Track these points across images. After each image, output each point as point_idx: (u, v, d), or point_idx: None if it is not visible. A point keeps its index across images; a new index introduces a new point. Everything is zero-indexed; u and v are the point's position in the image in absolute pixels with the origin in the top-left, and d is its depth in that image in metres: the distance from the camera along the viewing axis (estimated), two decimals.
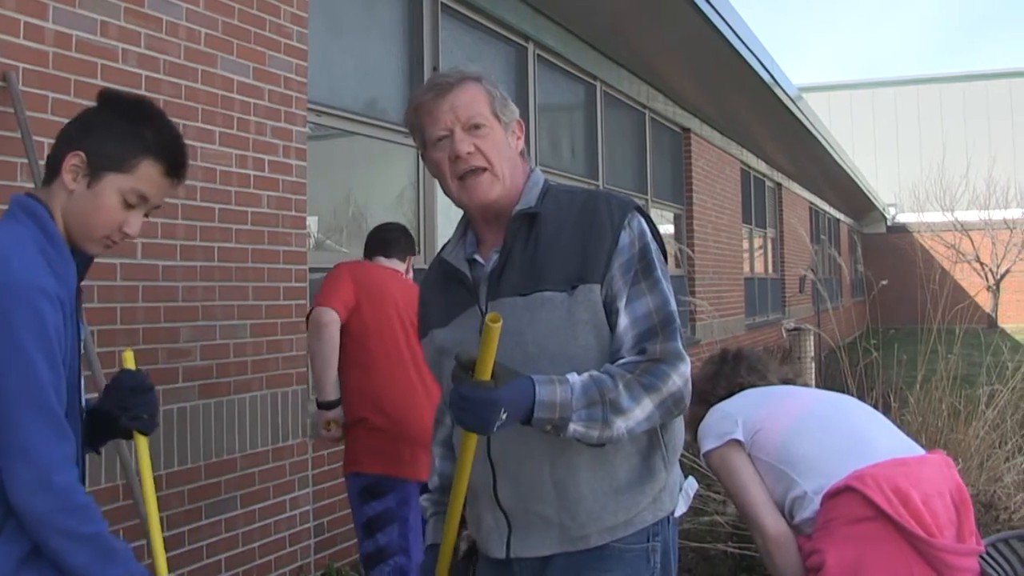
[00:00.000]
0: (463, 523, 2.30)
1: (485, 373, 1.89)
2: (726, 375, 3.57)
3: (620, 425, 2.02)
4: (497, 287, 2.18)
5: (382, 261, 4.24)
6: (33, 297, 1.93)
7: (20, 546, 1.92)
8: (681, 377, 2.10)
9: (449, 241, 2.38)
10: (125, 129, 2.13)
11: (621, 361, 2.10)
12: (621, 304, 2.12)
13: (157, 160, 2.14)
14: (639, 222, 2.19)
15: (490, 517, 2.23)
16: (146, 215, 2.19)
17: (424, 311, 2.41)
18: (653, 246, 2.19)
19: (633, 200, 2.25)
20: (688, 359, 2.15)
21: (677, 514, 2.27)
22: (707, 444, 3.26)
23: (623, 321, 2.12)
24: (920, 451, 3.13)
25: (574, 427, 1.99)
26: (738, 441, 3.18)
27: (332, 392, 3.94)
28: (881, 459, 2.95)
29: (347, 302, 3.92)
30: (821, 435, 3.13)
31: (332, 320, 3.85)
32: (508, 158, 2.23)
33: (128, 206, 2.14)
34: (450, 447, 2.42)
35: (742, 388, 3.48)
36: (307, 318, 4.06)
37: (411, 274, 4.36)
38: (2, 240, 1.97)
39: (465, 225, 2.35)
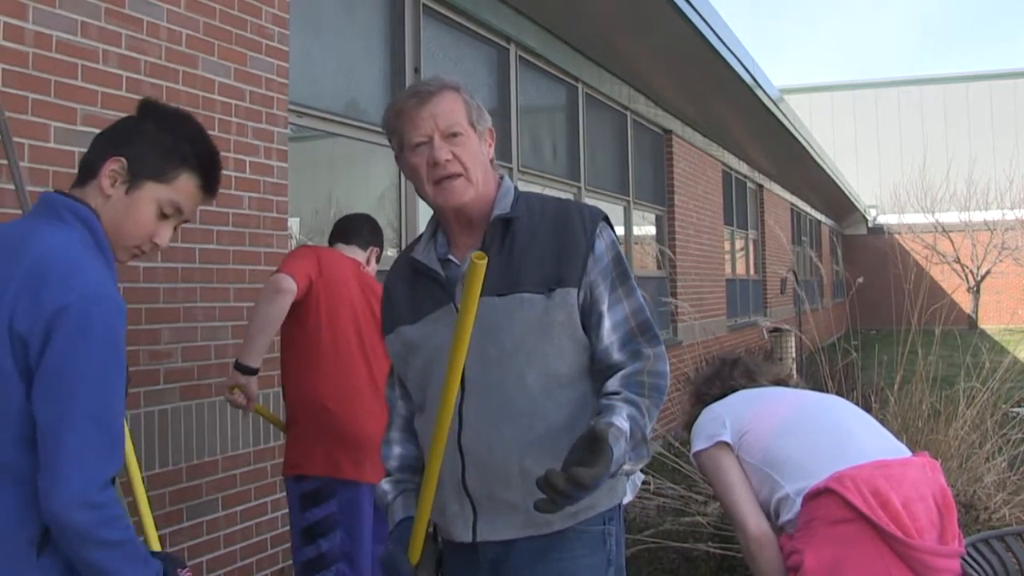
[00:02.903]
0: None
1: (471, 309, 1.92)
2: (721, 377, 3.68)
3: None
4: None
5: (341, 248, 4.16)
6: (111, 311, 1.97)
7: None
8: (668, 379, 2.29)
9: (418, 240, 2.48)
10: (167, 140, 2.17)
11: (626, 372, 2.24)
12: (604, 308, 2.28)
13: (196, 173, 2.20)
14: (609, 232, 2.35)
15: (455, 503, 2.31)
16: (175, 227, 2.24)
17: (390, 307, 2.48)
18: (623, 254, 2.35)
19: (602, 210, 2.39)
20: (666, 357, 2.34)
21: (625, 502, 2.45)
22: (697, 445, 3.31)
23: (607, 323, 2.28)
24: (907, 453, 3.15)
25: (626, 467, 2.15)
26: (726, 443, 3.21)
27: (257, 360, 3.73)
28: (864, 460, 2.97)
29: (309, 281, 3.79)
30: (805, 437, 3.15)
31: (289, 289, 3.69)
32: (481, 164, 2.34)
33: (163, 216, 2.18)
34: (408, 431, 2.51)
35: (734, 390, 3.55)
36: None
37: (373, 266, 4.26)
38: (64, 247, 1.99)
39: (435, 226, 2.45)
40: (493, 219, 2.31)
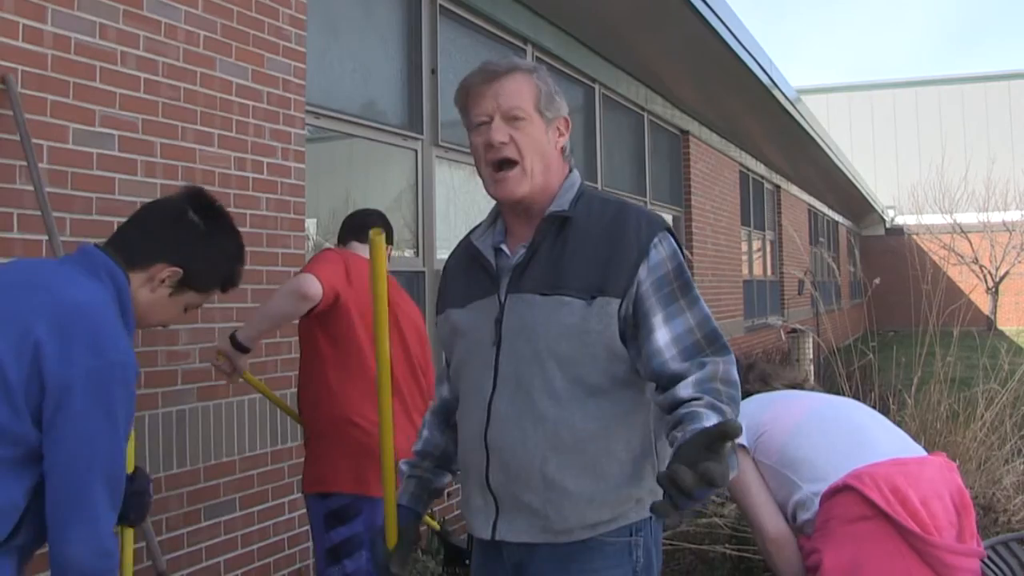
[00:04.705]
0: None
1: (379, 279, 2.11)
2: None
3: None
4: (519, 281, 2.24)
5: (356, 247, 3.98)
6: (130, 375, 2.13)
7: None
8: (740, 390, 2.16)
9: (480, 224, 2.45)
10: (221, 264, 2.46)
11: (697, 378, 2.08)
12: (656, 320, 2.16)
13: (226, 289, 2.52)
14: (670, 242, 2.24)
15: (480, 497, 2.29)
16: None
17: (444, 289, 2.49)
18: (686, 266, 2.24)
19: (664, 219, 2.29)
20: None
21: None
22: None
23: (662, 336, 2.15)
24: (922, 452, 3.14)
25: None
26: (742, 446, 3.21)
27: (254, 344, 3.54)
28: (881, 459, 2.96)
29: (336, 292, 3.57)
30: (821, 437, 3.14)
31: (315, 298, 3.48)
32: (542, 153, 2.27)
33: (184, 311, 2.45)
34: (443, 416, 2.56)
35: (748, 394, 3.54)
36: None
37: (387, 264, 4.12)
38: (101, 305, 2.14)
39: (496, 213, 2.42)
40: (548, 214, 2.26)
